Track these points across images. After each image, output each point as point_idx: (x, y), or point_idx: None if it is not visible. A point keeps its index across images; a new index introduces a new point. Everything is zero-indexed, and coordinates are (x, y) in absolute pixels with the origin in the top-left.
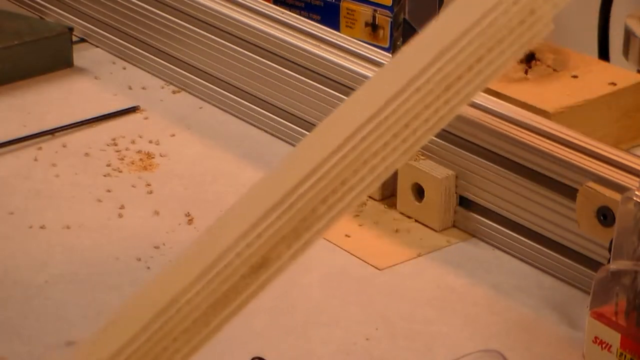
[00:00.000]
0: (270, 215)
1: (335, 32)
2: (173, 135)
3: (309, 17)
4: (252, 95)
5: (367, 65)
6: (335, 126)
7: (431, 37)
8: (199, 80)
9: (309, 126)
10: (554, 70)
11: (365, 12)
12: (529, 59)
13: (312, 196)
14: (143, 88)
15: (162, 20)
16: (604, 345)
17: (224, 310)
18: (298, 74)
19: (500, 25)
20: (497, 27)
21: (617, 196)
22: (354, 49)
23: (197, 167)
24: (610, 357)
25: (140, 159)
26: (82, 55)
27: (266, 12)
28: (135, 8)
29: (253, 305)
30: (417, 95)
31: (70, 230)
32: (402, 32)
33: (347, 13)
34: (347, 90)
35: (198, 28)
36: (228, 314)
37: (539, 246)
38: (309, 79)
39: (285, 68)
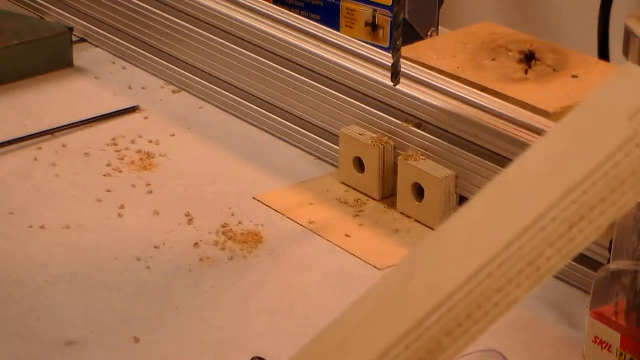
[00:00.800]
0: (395, 347)
1: (335, 32)
2: (173, 135)
3: (309, 17)
4: (252, 95)
5: (367, 65)
6: (467, 250)
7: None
8: (199, 80)
9: (309, 126)
10: (554, 70)
11: (365, 12)
12: (529, 59)
13: (439, 328)
14: (143, 88)
15: (162, 20)
16: (604, 345)
17: None
18: (298, 74)
19: (623, 167)
20: (620, 169)
21: None
22: (354, 49)
23: (197, 167)
24: (610, 357)
25: (140, 159)
26: (82, 55)
27: (266, 12)
28: (135, 8)
29: (253, 305)
30: (542, 234)
31: (70, 230)
32: (402, 32)
33: (347, 13)
34: (347, 90)
35: (198, 28)
36: None
37: None
38: (309, 79)
39: (285, 68)
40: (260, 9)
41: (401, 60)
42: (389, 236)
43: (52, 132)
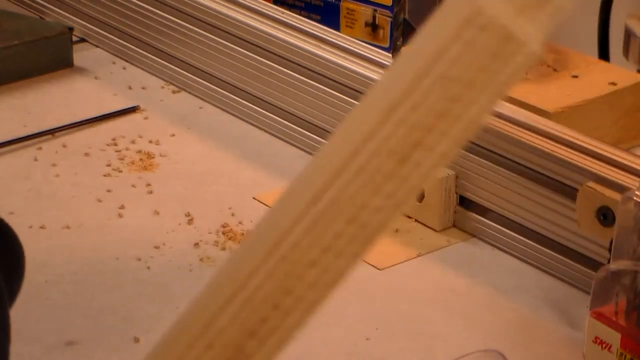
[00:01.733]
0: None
1: (335, 32)
2: (173, 135)
3: (309, 17)
4: (252, 95)
5: (367, 65)
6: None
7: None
8: (199, 80)
9: (309, 126)
10: (554, 70)
11: (365, 12)
12: None
13: (236, 328)
14: (143, 88)
15: (162, 20)
16: (604, 345)
17: None
18: (298, 74)
19: (465, 63)
20: (461, 66)
21: (617, 196)
22: (354, 49)
23: (197, 167)
24: (610, 357)
25: (140, 159)
26: (82, 55)
27: (266, 12)
28: (135, 8)
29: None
30: (361, 178)
31: (70, 230)
32: (402, 32)
33: (347, 13)
34: (347, 90)
35: (198, 28)
36: None
37: (539, 246)
38: (309, 79)
39: (285, 68)
40: (260, 9)
41: None
42: (389, 236)
43: (52, 132)
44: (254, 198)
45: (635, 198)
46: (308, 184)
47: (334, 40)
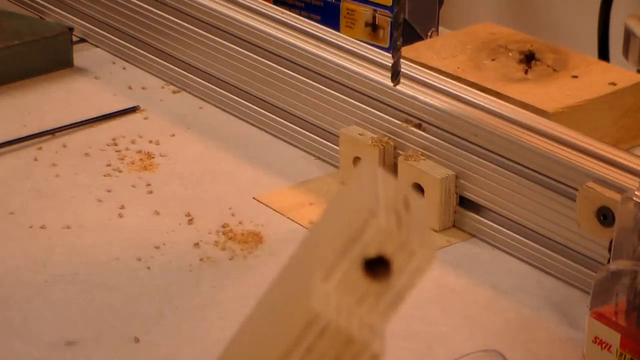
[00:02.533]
0: None
1: (335, 32)
2: (173, 135)
3: (309, 17)
4: (252, 95)
5: (367, 65)
6: None
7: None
8: (199, 80)
9: (309, 126)
10: (554, 70)
11: (365, 12)
12: (529, 59)
13: None
14: (143, 88)
15: (162, 20)
16: (604, 345)
17: None
18: (298, 74)
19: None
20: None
21: (617, 196)
22: (354, 49)
23: (197, 167)
24: (610, 357)
25: (141, 159)
26: (82, 55)
27: (266, 12)
28: (135, 8)
29: (253, 305)
30: None
31: (70, 230)
32: (402, 32)
33: (347, 13)
34: (347, 90)
35: (198, 28)
36: None
37: (539, 246)
38: (309, 79)
39: (285, 68)
40: (260, 9)
41: (401, 60)
42: None
43: (52, 132)
44: (254, 198)
45: (635, 198)
46: None
47: (334, 40)
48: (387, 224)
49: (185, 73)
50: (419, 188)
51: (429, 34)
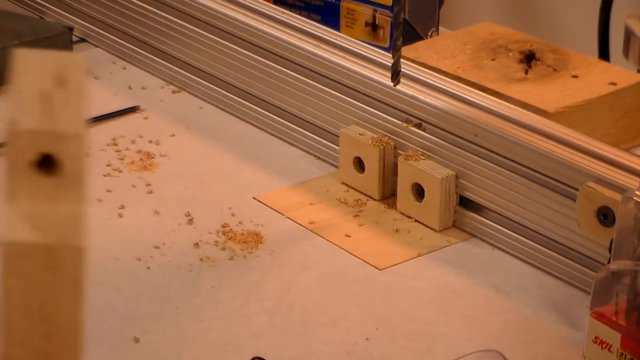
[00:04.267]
0: None
1: (335, 32)
2: (173, 135)
3: (309, 17)
4: (252, 95)
5: (367, 65)
6: None
7: None
8: (199, 80)
9: (309, 126)
10: (554, 70)
11: (365, 12)
12: (529, 59)
13: None
14: (143, 88)
15: (162, 20)
16: (604, 345)
17: None
18: (298, 74)
19: None
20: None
21: (617, 196)
22: (354, 49)
23: (197, 167)
24: (610, 357)
25: (140, 159)
26: (82, 55)
27: (266, 12)
28: (135, 8)
29: (253, 305)
30: None
31: None
32: (402, 32)
33: (347, 13)
34: (347, 90)
35: (198, 28)
36: None
37: (539, 246)
38: (309, 79)
39: (285, 68)
40: (260, 9)
41: (401, 60)
42: (389, 236)
43: None
44: (254, 198)
45: (635, 198)
46: None
47: (334, 40)
48: (30, 124)
49: (185, 73)
50: (419, 188)
51: (429, 34)
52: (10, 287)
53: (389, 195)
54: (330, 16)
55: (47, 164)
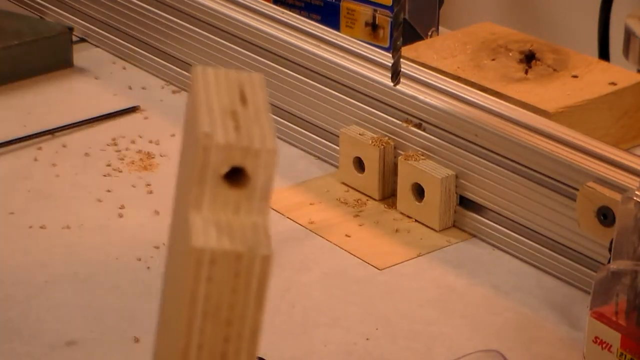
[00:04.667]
0: None
1: (335, 32)
2: (173, 135)
3: (309, 17)
4: None
5: (367, 65)
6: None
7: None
8: None
9: (309, 126)
10: (554, 70)
11: (365, 12)
12: (529, 58)
13: None
14: (143, 88)
15: (162, 20)
16: (604, 345)
17: None
18: (298, 74)
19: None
20: (215, 296)
21: (617, 196)
22: (354, 49)
23: None
24: (610, 357)
25: (140, 159)
26: (82, 55)
27: (266, 12)
28: (135, 8)
29: None
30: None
31: (70, 230)
32: (402, 32)
33: (347, 13)
34: (347, 90)
35: (198, 28)
36: None
37: (539, 246)
38: (309, 79)
39: (285, 68)
40: (260, 9)
41: (401, 60)
42: (389, 236)
43: (52, 132)
44: None
45: (635, 198)
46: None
47: (334, 40)
48: (224, 138)
49: (186, 73)
50: (419, 188)
51: (429, 34)
52: (198, 292)
53: (389, 195)
54: (330, 16)
55: (236, 176)
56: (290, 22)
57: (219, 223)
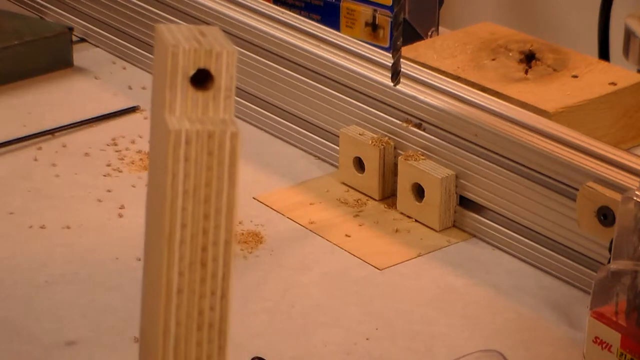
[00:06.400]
0: None
1: (335, 32)
2: None
3: (309, 17)
4: (252, 95)
5: (367, 65)
6: None
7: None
8: None
9: (309, 126)
10: (554, 70)
11: (365, 12)
12: (529, 58)
13: None
14: (143, 88)
15: (162, 20)
16: (604, 345)
17: None
18: (298, 74)
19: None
20: (193, 174)
21: (617, 196)
22: (354, 49)
23: None
24: (610, 357)
25: (140, 159)
26: (82, 55)
27: (266, 12)
28: (135, 8)
29: (253, 305)
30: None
31: (70, 230)
32: (402, 32)
33: (347, 13)
34: (347, 90)
35: None
36: None
37: (539, 246)
38: (309, 79)
39: (285, 68)
40: (260, 9)
41: (401, 60)
42: (389, 236)
43: (52, 132)
44: (253, 198)
45: (635, 198)
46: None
47: (334, 40)
48: (190, 45)
49: None
50: (419, 188)
51: (429, 34)
52: (177, 172)
53: (389, 195)
54: (330, 16)
55: (202, 80)
56: (290, 22)
57: (191, 119)
